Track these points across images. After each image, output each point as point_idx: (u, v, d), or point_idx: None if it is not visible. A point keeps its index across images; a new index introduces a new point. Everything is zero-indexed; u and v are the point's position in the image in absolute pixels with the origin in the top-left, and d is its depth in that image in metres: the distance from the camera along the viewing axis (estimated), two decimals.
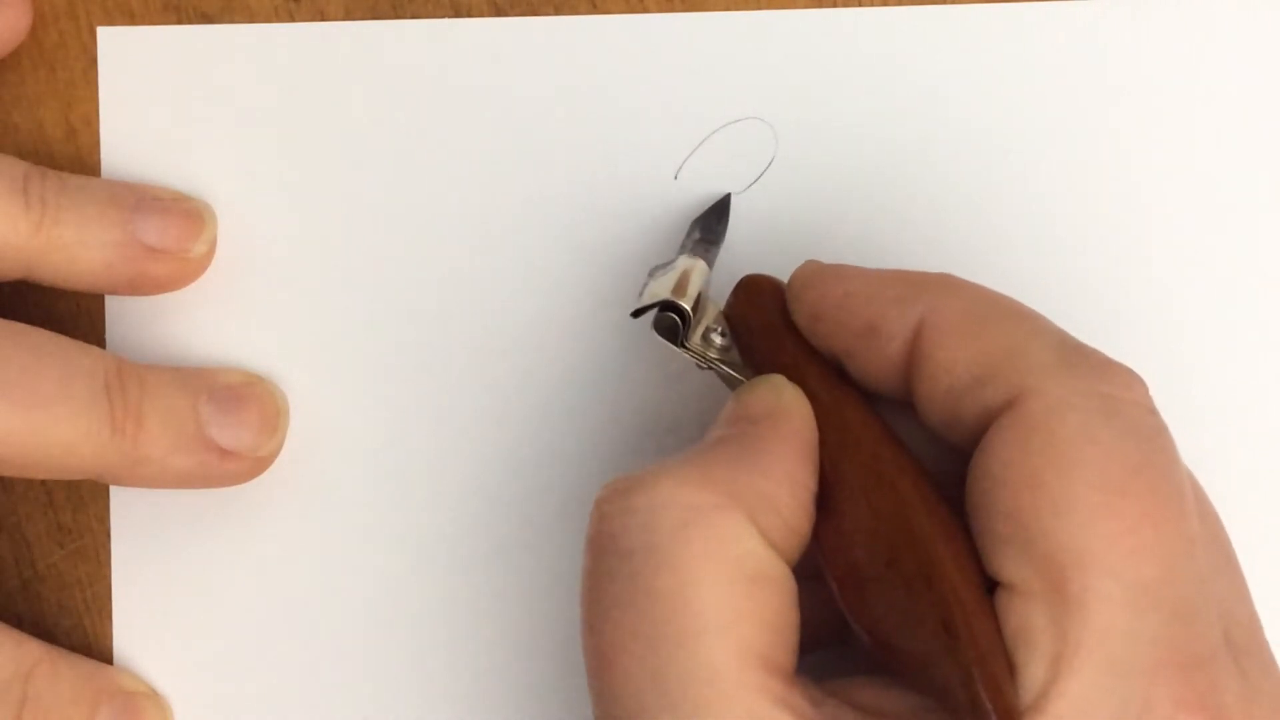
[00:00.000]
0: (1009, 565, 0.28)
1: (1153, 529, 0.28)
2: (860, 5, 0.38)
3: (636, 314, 0.35)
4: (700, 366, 0.34)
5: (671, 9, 0.38)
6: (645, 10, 0.38)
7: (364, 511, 0.38)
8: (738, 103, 0.38)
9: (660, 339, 0.34)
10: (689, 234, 0.37)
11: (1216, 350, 0.37)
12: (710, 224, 0.37)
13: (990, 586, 0.28)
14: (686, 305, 0.34)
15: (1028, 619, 0.27)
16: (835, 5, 0.38)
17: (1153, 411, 0.29)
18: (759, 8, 0.38)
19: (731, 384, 0.34)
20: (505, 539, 0.38)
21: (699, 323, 0.34)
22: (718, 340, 0.34)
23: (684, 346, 0.34)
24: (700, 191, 0.38)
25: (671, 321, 0.34)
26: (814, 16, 0.38)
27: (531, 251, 0.38)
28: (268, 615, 0.38)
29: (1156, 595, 0.27)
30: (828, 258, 0.37)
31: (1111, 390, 0.29)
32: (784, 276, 0.34)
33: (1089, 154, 0.38)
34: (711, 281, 0.35)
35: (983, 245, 0.38)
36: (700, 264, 0.35)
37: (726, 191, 0.37)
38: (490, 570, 0.38)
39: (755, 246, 0.38)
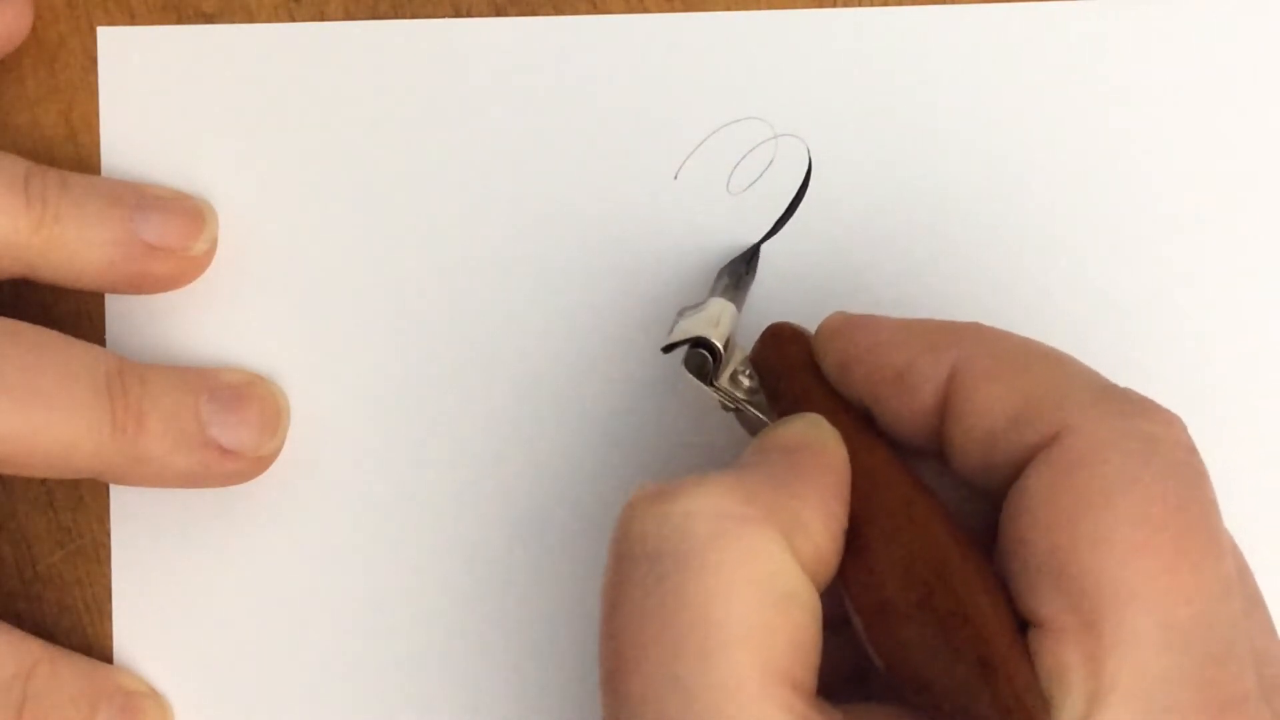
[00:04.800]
0: (1043, 602, 0.28)
1: (1190, 569, 0.27)
2: (860, 5, 0.38)
3: (667, 349, 0.35)
4: (726, 407, 0.34)
5: (671, 9, 0.38)
6: (645, 10, 0.38)
7: (364, 511, 0.38)
8: (738, 103, 0.38)
9: (690, 376, 0.34)
10: (718, 279, 0.37)
11: (1219, 349, 0.38)
12: (739, 271, 0.37)
13: (1022, 628, 0.28)
14: (719, 344, 0.34)
15: (1062, 657, 0.27)
16: (835, 5, 0.38)
17: (1192, 451, 0.29)
18: (759, 8, 0.38)
19: (754, 428, 0.34)
20: (507, 539, 0.38)
21: (727, 364, 0.34)
22: (745, 382, 0.34)
23: (713, 385, 0.34)
24: (700, 191, 0.38)
25: (702, 359, 0.34)
26: (814, 16, 0.38)
27: (531, 251, 0.38)
28: (268, 615, 0.38)
29: (1192, 635, 0.27)
30: (828, 256, 0.37)
31: (1152, 429, 0.29)
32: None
33: (1088, 154, 0.38)
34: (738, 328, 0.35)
35: (981, 244, 0.38)
36: (731, 306, 0.35)
37: (755, 241, 0.37)
38: (492, 570, 0.38)
39: (760, 249, 0.38)
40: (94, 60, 0.38)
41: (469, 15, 0.38)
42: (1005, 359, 0.30)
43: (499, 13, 0.38)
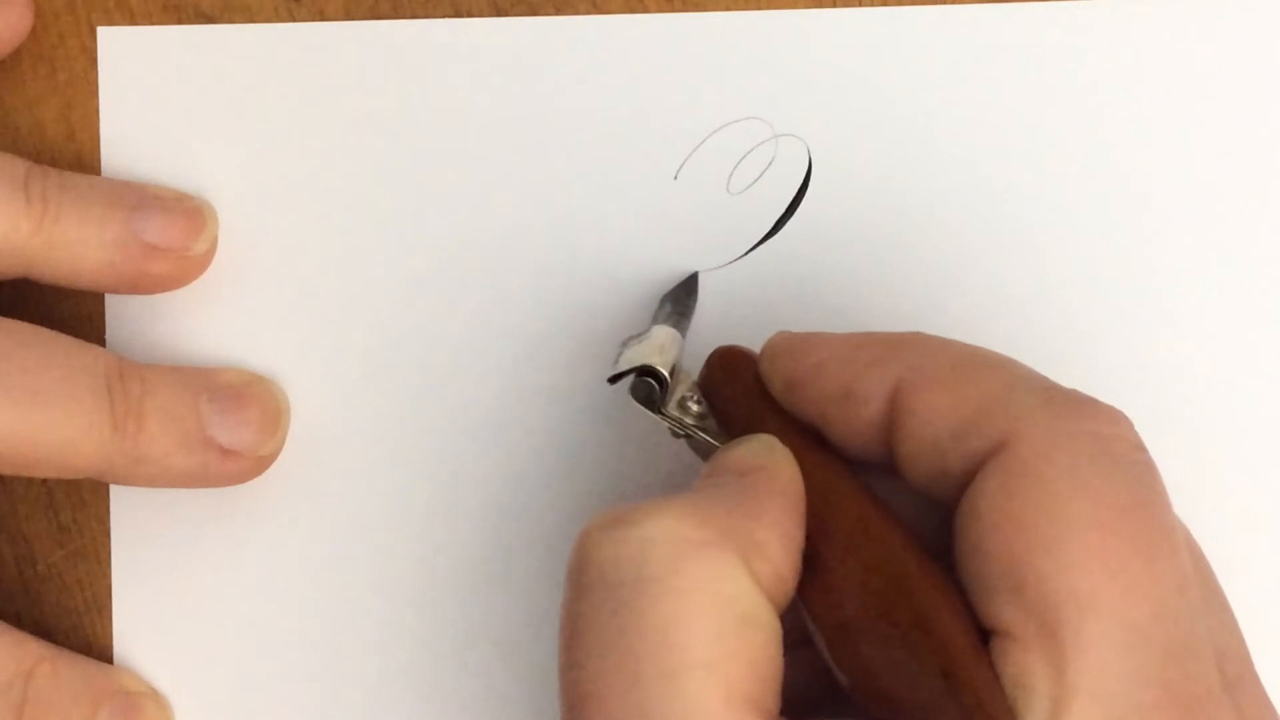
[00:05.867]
0: (1002, 610, 0.28)
1: (1145, 567, 0.27)
2: (860, 5, 0.38)
3: (613, 380, 0.34)
4: (676, 434, 0.34)
5: (671, 9, 0.38)
6: (645, 10, 0.38)
7: (363, 512, 0.38)
8: (738, 103, 0.38)
9: (637, 405, 0.34)
10: (660, 307, 0.37)
11: (1217, 349, 0.38)
12: (680, 298, 0.37)
13: (984, 637, 0.28)
14: (664, 371, 0.34)
15: (1023, 665, 0.27)
16: (835, 5, 0.38)
17: (1140, 448, 0.29)
18: (759, 8, 0.38)
19: (706, 452, 0.33)
20: (506, 539, 0.38)
21: (674, 391, 0.34)
22: (694, 408, 0.34)
23: (661, 413, 0.34)
24: (700, 191, 0.38)
25: (649, 387, 0.34)
26: (814, 16, 0.38)
27: (531, 251, 0.38)
28: (268, 615, 0.38)
29: (1151, 635, 0.27)
30: (828, 256, 0.37)
31: (1098, 428, 0.29)
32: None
33: (1089, 154, 0.38)
34: (685, 351, 0.35)
35: (982, 244, 0.38)
36: (675, 333, 0.35)
37: (694, 270, 0.38)
38: (491, 570, 0.38)
39: (761, 247, 0.38)
40: (94, 60, 0.38)
41: (469, 15, 0.38)
42: (948, 368, 0.30)
43: (499, 13, 0.38)
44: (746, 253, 0.38)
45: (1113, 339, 0.38)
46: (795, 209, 0.38)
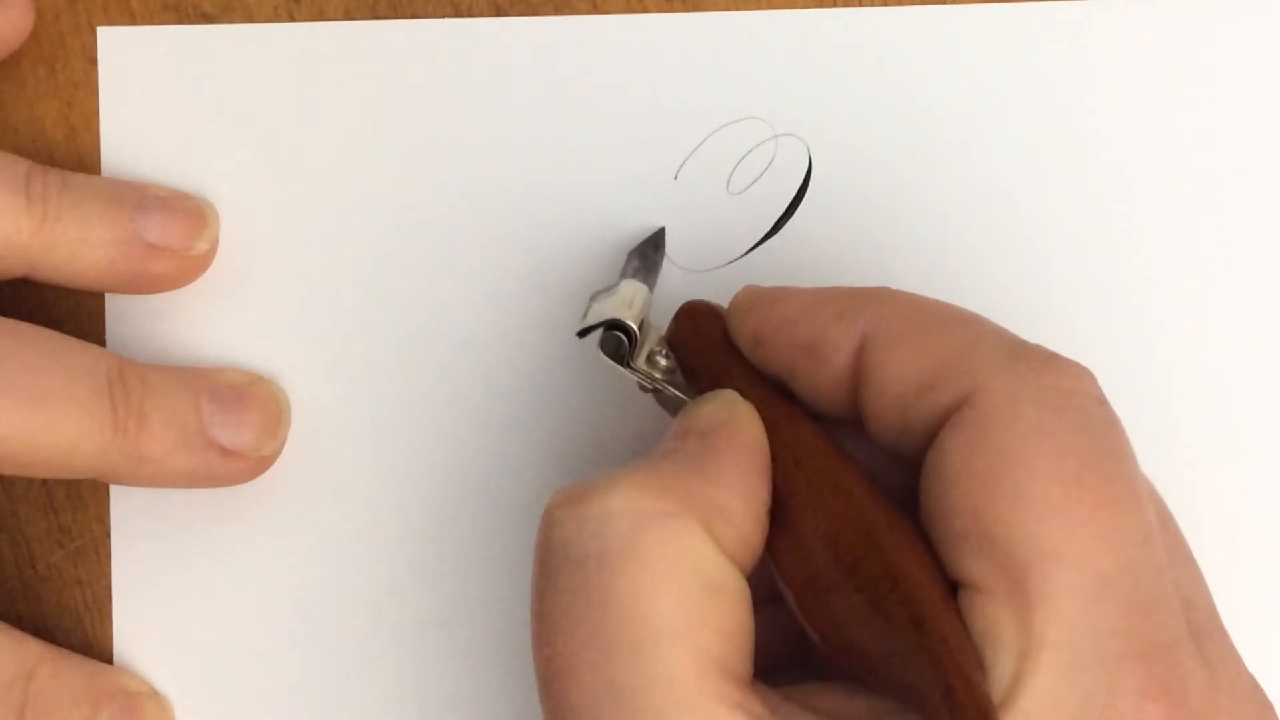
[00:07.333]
0: (969, 563, 0.28)
1: (1110, 519, 0.28)
2: (860, 5, 0.38)
3: (582, 333, 0.35)
4: (644, 388, 0.34)
5: (671, 9, 0.38)
6: (645, 10, 0.38)
7: (364, 512, 0.38)
8: (738, 103, 0.38)
9: (606, 359, 0.34)
10: (628, 262, 0.37)
11: (1216, 348, 0.38)
12: (648, 253, 0.37)
13: (952, 590, 0.28)
14: (633, 325, 0.34)
15: (991, 617, 0.28)
16: (835, 5, 0.38)
17: (1103, 402, 0.29)
18: (759, 8, 0.38)
19: (674, 407, 0.34)
20: (506, 537, 0.38)
21: (643, 345, 0.34)
22: (663, 362, 0.34)
23: (630, 367, 0.34)
24: (700, 191, 0.38)
25: (617, 341, 0.34)
26: (814, 16, 0.38)
27: (532, 251, 0.38)
28: (268, 615, 0.38)
29: (1116, 585, 0.27)
30: (828, 256, 0.37)
31: (1061, 383, 0.29)
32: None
33: (1088, 153, 0.38)
34: (653, 307, 0.35)
35: (980, 243, 0.38)
36: (643, 287, 0.35)
37: (660, 225, 0.38)
38: (493, 570, 0.38)
39: (761, 247, 0.38)
40: (94, 60, 0.38)
41: (469, 15, 0.38)
42: (914, 323, 0.30)
43: (499, 13, 0.38)
44: (746, 253, 0.38)
45: (1112, 338, 0.38)
46: (795, 209, 0.38)
